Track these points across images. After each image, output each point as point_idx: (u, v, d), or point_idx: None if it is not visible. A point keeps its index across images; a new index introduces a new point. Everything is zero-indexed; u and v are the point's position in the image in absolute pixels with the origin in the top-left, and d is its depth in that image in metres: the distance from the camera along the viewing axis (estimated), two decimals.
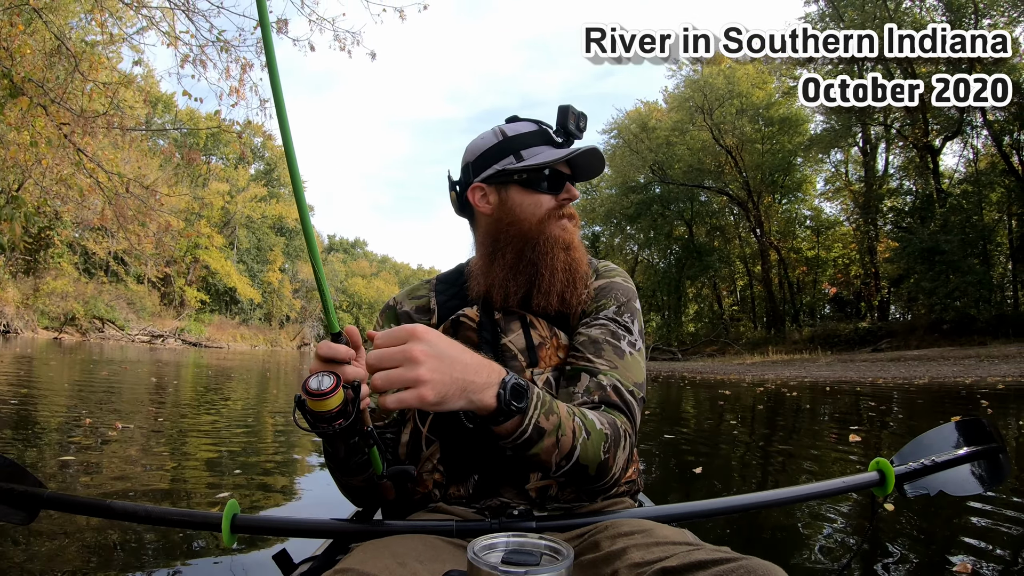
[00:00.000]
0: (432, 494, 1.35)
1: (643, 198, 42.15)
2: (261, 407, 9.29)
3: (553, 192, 1.44)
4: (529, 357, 1.38)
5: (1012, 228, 29.21)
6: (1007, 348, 21.00)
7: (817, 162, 38.06)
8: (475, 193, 1.49)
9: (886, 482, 1.45)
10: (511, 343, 1.39)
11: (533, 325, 1.41)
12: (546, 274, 1.39)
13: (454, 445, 1.33)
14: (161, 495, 3.63)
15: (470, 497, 1.32)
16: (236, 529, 1.29)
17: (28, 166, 9.12)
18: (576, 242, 1.45)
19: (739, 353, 33.08)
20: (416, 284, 1.63)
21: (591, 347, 1.37)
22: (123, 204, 9.84)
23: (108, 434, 5.43)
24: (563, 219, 1.45)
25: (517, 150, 1.44)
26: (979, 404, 8.91)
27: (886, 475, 1.45)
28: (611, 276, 1.52)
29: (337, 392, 1.00)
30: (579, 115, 1.45)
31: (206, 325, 54.00)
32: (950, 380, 14.30)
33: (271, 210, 63.12)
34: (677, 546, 1.01)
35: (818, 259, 39.20)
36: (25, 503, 1.37)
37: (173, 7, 7.98)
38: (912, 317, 31.83)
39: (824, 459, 5.37)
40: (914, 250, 28.47)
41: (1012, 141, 28.21)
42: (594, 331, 1.40)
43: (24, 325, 34.86)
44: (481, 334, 1.40)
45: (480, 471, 1.32)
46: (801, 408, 10.43)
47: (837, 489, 1.48)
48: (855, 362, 23.35)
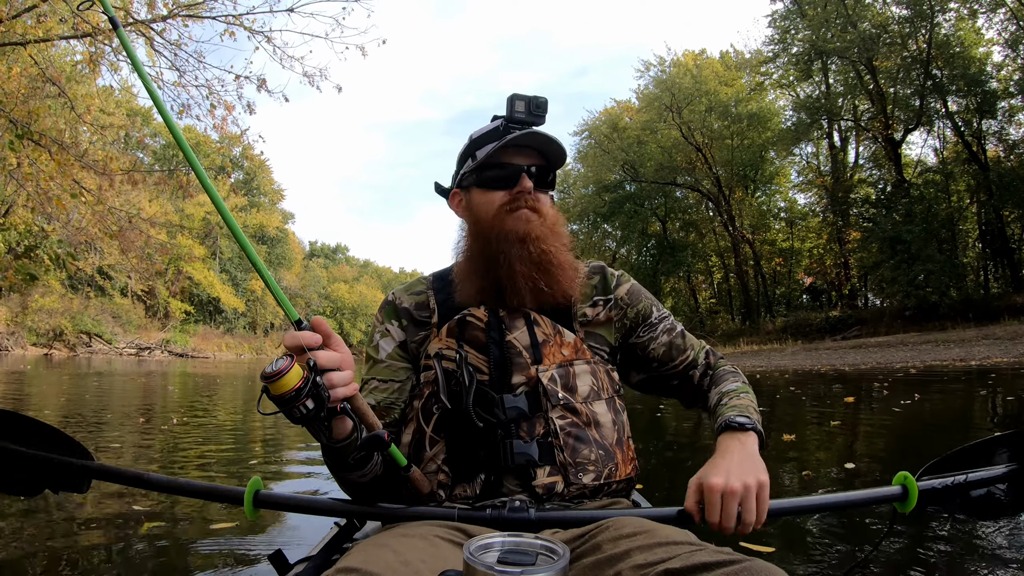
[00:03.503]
0: (437, 494, 1.34)
1: (616, 196, 42.44)
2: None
3: (506, 187, 1.44)
4: (534, 354, 1.39)
5: (981, 215, 29.80)
6: (965, 332, 21.62)
7: (788, 155, 38.53)
8: (453, 199, 1.57)
9: (908, 498, 1.39)
10: (515, 340, 1.40)
11: (537, 323, 1.42)
12: (504, 269, 1.39)
13: (461, 445, 1.34)
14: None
15: (476, 497, 1.32)
16: (258, 504, 1.35)
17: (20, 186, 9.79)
18: (539, 232, 1.41)
19: (713, 345, 33.32)
20: (413, 280, 1.61)
21: (674, 351, 1.56)
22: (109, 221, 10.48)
23: (161, 427, 6.07)
24: (519, 211, 1.42)
25: (474, 151, 1.47)
26: (871, 386, 9.70)
27: (909, 491, 1.39)
28: (627, 280, 1.60)
29: (292, 370, 1.01)
30: (529, 100, 1.41)
31: (191, 336, 53.63)
32: (890, 365, 15.13)
33: (252, 219, 62.90)
34: (680, 546, 1.01)
35: (792, 250, 39.70)
36: (80, 474, 1.49)
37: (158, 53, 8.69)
38: (882, 304, 32.49)
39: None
40: (876, 240, 29.20)
41: (973, 131, 28.83)
42: (663, 338, 1.56)
43: (14, 342, 35.02)
44: (489, 333, 1.40)
45: (487, 470, 1.32)
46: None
47: (857, 501, 1.45)
48: (818, 350, 23.94)
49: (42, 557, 2.59)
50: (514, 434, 1.32)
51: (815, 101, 33.83)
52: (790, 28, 33.26)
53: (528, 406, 1.34)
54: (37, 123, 8.35)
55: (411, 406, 1.45)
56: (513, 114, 1.40)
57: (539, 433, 1.32)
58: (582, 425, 1.35)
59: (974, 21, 28.30)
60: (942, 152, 31.46)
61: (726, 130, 38.25)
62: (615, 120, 43.78)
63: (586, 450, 1.34)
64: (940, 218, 28.22)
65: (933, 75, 28.30)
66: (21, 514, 3.21)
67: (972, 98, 28.03)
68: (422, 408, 1.40)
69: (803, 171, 39.64)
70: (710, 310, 44.80)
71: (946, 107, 29.03)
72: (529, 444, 1.30)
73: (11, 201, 11.94)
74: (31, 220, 11.16)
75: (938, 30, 28.15)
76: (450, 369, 1.38)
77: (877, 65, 30.14)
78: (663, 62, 40.93)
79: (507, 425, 1.31)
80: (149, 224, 10.94)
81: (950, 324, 24.20)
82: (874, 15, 30.19)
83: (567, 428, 1.34)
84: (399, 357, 1.51)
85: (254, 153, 57.69)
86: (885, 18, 29.77)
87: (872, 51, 29.17)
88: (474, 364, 1.38)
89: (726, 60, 41.33)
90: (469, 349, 1.40)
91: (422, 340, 1.51)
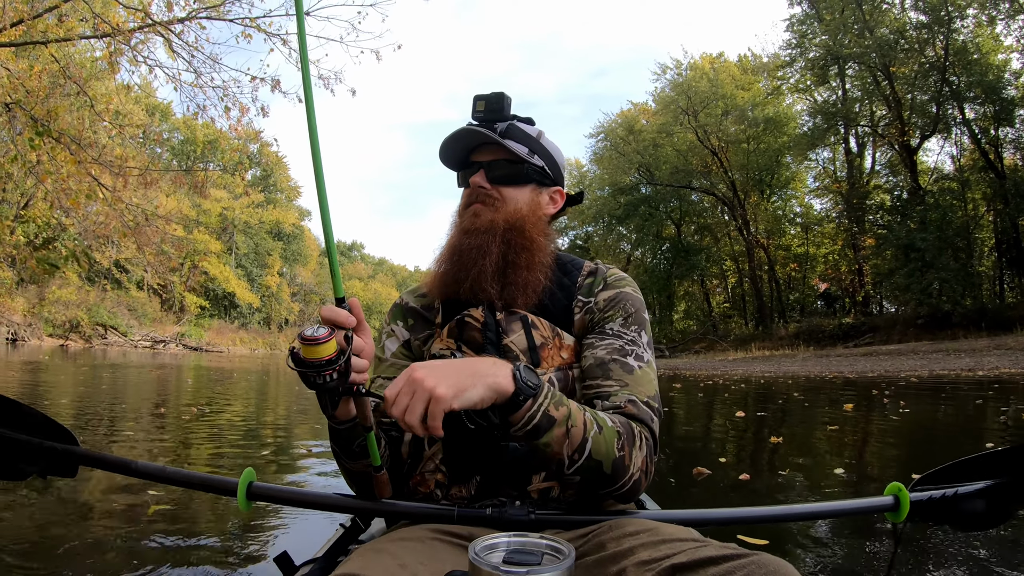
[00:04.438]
0: (434, 494, 1.34)
1: (632, 199, 42.36)
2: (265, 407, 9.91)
3: (464, 185, 1.51)
4: (531, 357, 1.37)
5: (997, 224, 29.43)
6: (977, 342, 21.39)
7: (804, 160, 38.24)
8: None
9: (900, 508, 1.40)
10: (513, 343, 1.38)
11: (535, 325, 1.40)
12: (463, 265, 1.41)
13: (456, 446, 1.33)
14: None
15: (472, 498, 1.31)
16: (251, 496, 1.34)
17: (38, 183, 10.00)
18: (477, 225, 1.43)
19: (725, 350, 33.28)
20: (421, 283, 1.60)
21: (598, 371, 1.36)
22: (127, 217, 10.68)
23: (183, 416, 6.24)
24: (470, 207, 1.47)
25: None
26: (870, 393, 9.78)
27: (901, 502, 1.40)
28: (620, 286, 1.48)
29: (330, 341, 1.04)
30: (483, 99, 1.45)
31: (206, 330, 54.05)
32: (895, 374, 15.08)
33: (268, 215, 63.40)
34: (684, 543, 1.01)
35: (807, 256, 39.45)
36: (64, 459, 1.46)
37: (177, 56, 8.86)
38: (897, 311, 32.12)
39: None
40: (890, 247, 29.03)
41: (990, 139, 28.51)
42: (600, 352, 1.38)
43: (30, 333, 35.37)
44: (486, 334, 1.39)
45: (482, 472, 1.31)
46: (709, 400, 11.03)
47: (848, 510, 1.49)
48: (829, 357, 23.77)
49: (41, 551, 2.58)
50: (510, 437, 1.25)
51: (831, 106, 33.61)
52: (807, 32, 33.08)
53: None
54: (56, 122, 8.54)
55: None
56: (474, 115, 1.44)
57: None
58: None
59: (992, 28, 28.06)
60: (959, 159, 31.12)
61: (742, 134, 38.02)
62: (631, 122, 43.81)
63: None
64: (955, 226, 27.93)
65: (950, 81, 27.99)
66: (20, 505, 3.25)
67: (989, 105, 27.67)
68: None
69: (819, 176, 39.36)
70: (724, 315, 44.55)
71: (963, 114, 28.69)
72: (524, 448, 1.24)
73: (30, 195, 12.22)
74: (49, 214, 11.41)
75: (956, 36, 27.85)
76: None
77: (894, 71, 29.87)
78: (679, 65, 41.01)
79: (502, 427, 1.21)
80: (165, 221, 11.14)
81: (963, 333, 23.95)
82: (891, 21, 30.00)
83: None
84: (402, 356, 1.52)
85: (271, 150, 58.03)
86: (902, 24, 29.54)
87: (889, 57, 28.95)
88: None
89: (744, 64, 41.22)
90: (467, 350, 1.40)
91: (426, 338, 1.52)
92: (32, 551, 2.60)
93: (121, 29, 8.17)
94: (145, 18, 8.39)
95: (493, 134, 1.42)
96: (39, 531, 2.84)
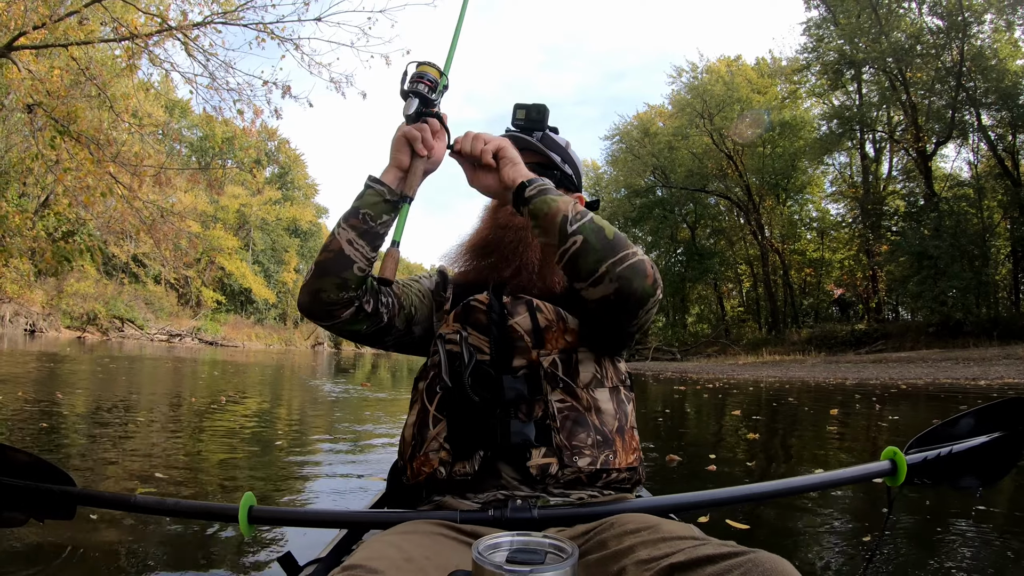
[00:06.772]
0: (438, 472, 1.36)
1: (646, 201, 42.30)
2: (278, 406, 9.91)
3: None
4: (535, 339, 1.40)
5: (1013, 232, 29.01)
6: (987, 351, 21.16)
7: (820, 164, 38.02)
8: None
9: (898, 472, 1.41)
10: (517, 324, 1.41)
11: (539, 309, 1.44)
12: (504, 256, 1.56)
13: (461, 422, 1.36)
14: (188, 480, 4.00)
15: (475, 474, 1.33)
16: (253, 520, 1.35)
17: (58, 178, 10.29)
18: (516, 222, 1.56)
19: (737, 354, 33.20)
20: (451, 269, 1.69)
21: None
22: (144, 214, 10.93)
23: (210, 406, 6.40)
24: (505, 204, 1.53)
25: None
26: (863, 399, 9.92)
27: (898, 465, 1.41)
28: None
29: (438, 73, 1.42)
30: (524, 108, 1.62)
31: (222, 324, 54.40)
32: (897, 381, 15.10)
33: (285, 212, 63.66)
34: (683, 541, 1.02)
35: (823, 261, 39.26)
36: (62, 500, 1.44)
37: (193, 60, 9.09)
38: (912, 318, 31.89)
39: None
40: (903, 254, 28.79)
41: (1007, 146, 28.25)
42: None
43: (48, 324, 35.88)
44: (490, 315, 1.43)
45: (485, 447, 1.33)
46: (708, 405, 11.07)
47: (847, 478, 1.46)
48: (839, 363, 23.66)
49: (42, 553, 2.54)
50: (512, 414, 1.34)
51: (847, 111, 33.39)
52: (824, 36, 32.89)
53: (528, 388, 1.35)
54: (76, 123, 8.79)
55: (416, 388, 1.49)
56: (514, 122, 1.60)
57: (537, 414, 1.34)
58: (581, 410, 1.36)
59: (1011, 33, 27.72)
60: (976, 166, 30.82)
61: (757, 138, 37.80)
62: (647, 125, 43.69)
63: (583, 434, 1.34)
64: (970, 234, 27.61)
65: (967, 87, 27.69)
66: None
67: (1006, 112, 27.37)
68: (427, 389, 1.43)
69: (835, 181, 39.15)
70: (738, 319, 44.30)
71: (979, 120, 28.43)
72: (527, 424, 1.32)
73: (50, 190, 12.53)
74: (68, 210, 11.68)
75: (973, 41, 27.58)
76: (453, 351, 1.41)
77: (910, 76, 29.63)
78: (695, 68, 40.83)
79: (505, 404, 1.33)
80: (180, 217, 11.39)
81: (974, 342, 23.70)
82: (907, 25, 29.75)
83: (565, 411, 1.35)
84: (423, 288, 1.65)
85: (290, 148, 58.27)
86: (919, 28, 29.30)
87: (905, 61, 28.75)
88: (475, 344, 1.41)
89: (762, 67, 41.04)
90: (472, 331, 1.43)
91: (440, 304, 1.61)
92: (34, 551, 2.60)
93: (140, 33, 8.40)
94: (163, 24, 8.61)
95: (535, 141, 1.59)
96: (39, 533, 2.79)
